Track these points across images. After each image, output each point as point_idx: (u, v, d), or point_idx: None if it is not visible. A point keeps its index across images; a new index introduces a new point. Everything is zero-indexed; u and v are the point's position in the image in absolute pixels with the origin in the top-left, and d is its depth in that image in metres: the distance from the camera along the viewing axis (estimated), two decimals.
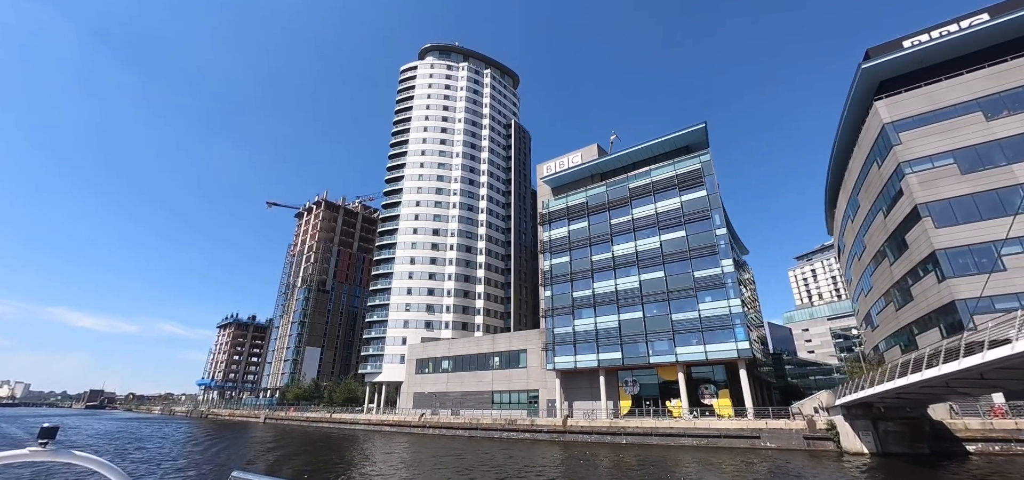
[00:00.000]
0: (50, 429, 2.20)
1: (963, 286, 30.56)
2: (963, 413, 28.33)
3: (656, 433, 36.14)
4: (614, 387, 44.29)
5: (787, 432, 31.32)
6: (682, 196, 44.25)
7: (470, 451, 34.13)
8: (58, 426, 2.27)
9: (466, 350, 58.94)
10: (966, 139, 33.06)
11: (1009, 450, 25.66)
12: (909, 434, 26.42)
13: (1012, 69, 33.09)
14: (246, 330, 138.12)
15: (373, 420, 59.09)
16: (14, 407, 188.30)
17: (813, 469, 25.27)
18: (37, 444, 2.15)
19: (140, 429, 61.65)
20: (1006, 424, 26.02)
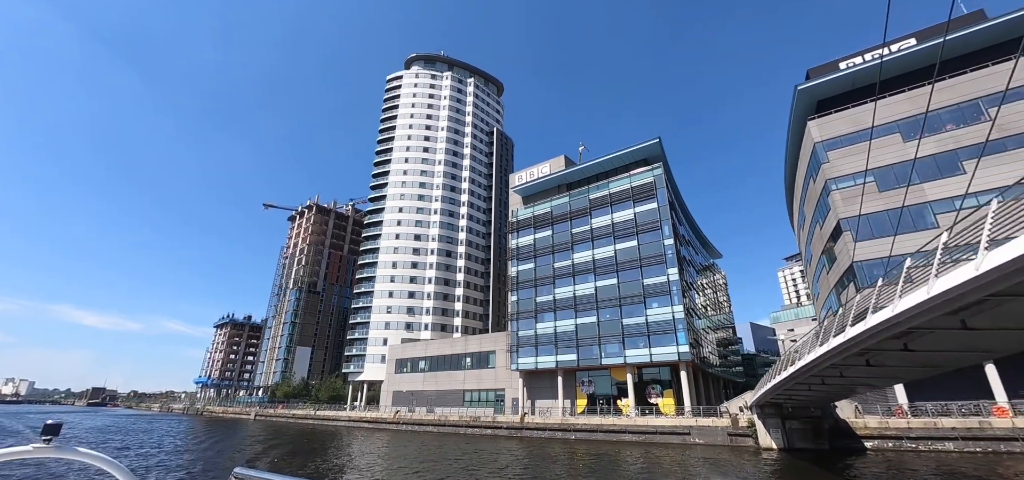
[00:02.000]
0: (54, 426, 2.15)
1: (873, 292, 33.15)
2: (865, 412, 31.01)
3: (601, 429, 38.98)
4: (571, 387, 47.11)
5: (714, 429, 34.08)
6: (636, 208, 46.95)
7: (435, 445, 37.06)
8: (61, 423, 2.24)
9: (441, 351, 61.87)
10: (885, 159, 35.66)
11: (900, 447, 28.34)
12: (812, 431, 29.15)
13: (923, 95, 35.65)
14: (242, 330, 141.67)
15: (353, 417, 62.17)
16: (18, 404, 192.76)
17: (722, 459, 28.10)
18: (41, 440, 2.10)
19: (134, 425, 64.86)
20: (899, 423, 28.69)
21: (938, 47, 37.12)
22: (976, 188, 31.95)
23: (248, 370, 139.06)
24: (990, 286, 6.79)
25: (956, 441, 26.83)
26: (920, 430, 27.93)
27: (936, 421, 27.72)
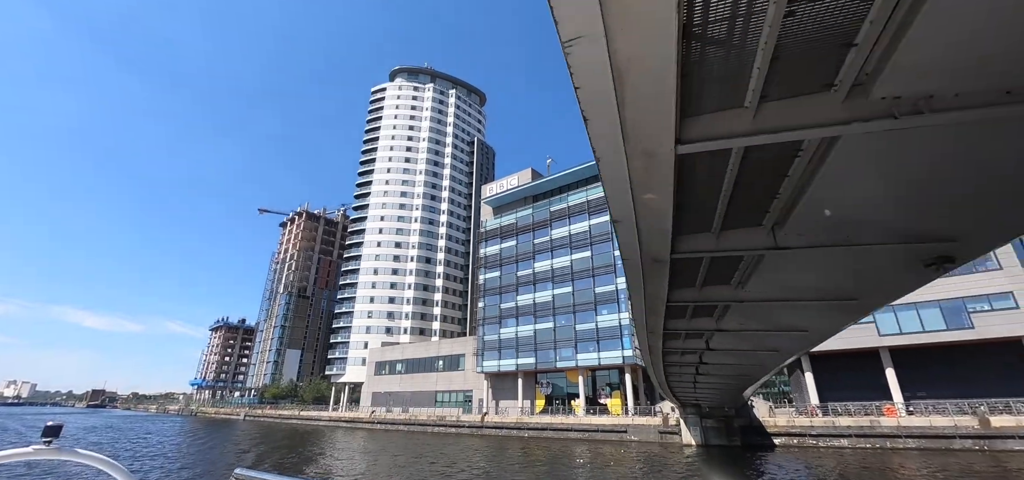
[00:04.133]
0: (54, 427, 2.13)
1: None
2: (778, 412, 33.94)
3: (551, 428, 42.06)
4: (531, 388, 50.15)
5: (648, 427, 37.07)
6: (591, 220, 49.93)
7: (403, 442, 40.19)
8: (62, 424, 2.21)
9: (417, 354, 64.99)
10: None
11: (804, 442, 31.27)
12: (725, 429, 32.10)
13: None
14: (236, 333, 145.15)
15: (333, 416, 65.40)
16: (19, 406, 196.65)
17: (649, 453, 31.12)
18: (41, 442, 2.09)
19: (127, 426, 68.10)
20: (803, 420, 31.63)
21: None
22: None
23: (242, 372, 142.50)
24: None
25: (850, 437, 29.74)
26: (821, 427, 30.84)
27: (834, 420, 30.65)
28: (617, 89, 2.68)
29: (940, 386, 31.31)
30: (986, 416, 27.03)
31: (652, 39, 2.35)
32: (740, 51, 2.81)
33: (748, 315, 9.29)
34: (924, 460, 26.62)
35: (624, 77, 2.60)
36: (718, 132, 3.37)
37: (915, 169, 3.66)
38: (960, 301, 30.78)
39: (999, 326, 29.70)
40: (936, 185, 3.94)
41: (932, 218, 4.56)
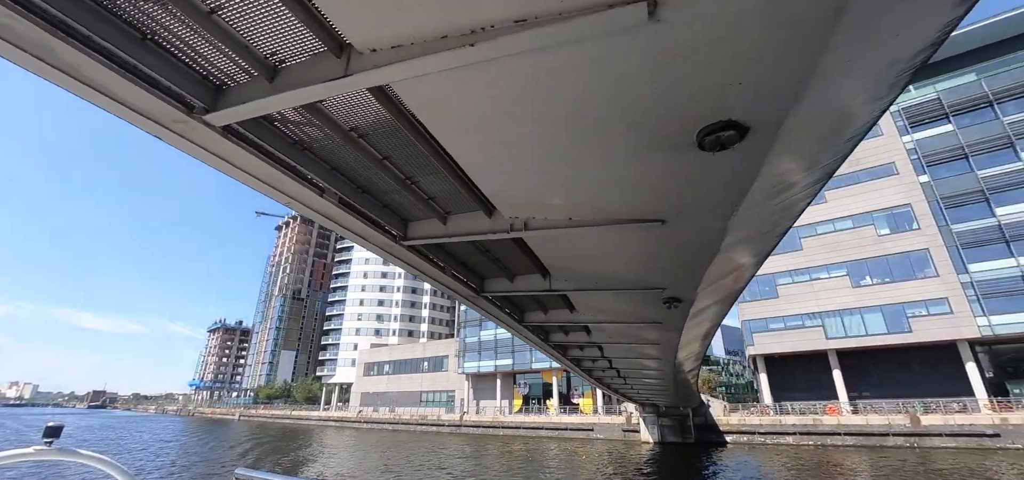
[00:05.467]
0: (55, 428, 2.14)
1: (749, 309, 37.99)
2: (732, 411, 35.77)
3: (524, 426, 43.98)
4: (509, 388, 52.08)
5: (612, 425, 38.96)
6: None
7: (388, 440, 42.15)
8: (62, 424, 2.22)
9: (403, 355, 66.96)
10: None
11: (753, 440, 33.13)
12: (679, 427, 33.97)
13: None
14: (233, 334, 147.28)
15: (323, 416, 67.43)
16: (21, 406, 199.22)
17: (611, 449, 33.01)
18: (42, 443, 2.09)
19: (124, 426, 70.16)
20: (752, 419, 33.48)
21: None
22: (834, 214, 36.78)
23: (239, 373, 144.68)
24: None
25: (795, 435, 31.58)
26: (769, 426, 32.69)
27: (780, 418, 32.50)
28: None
29: (882, 386, 33.15)
30: (917, 415, 28.85)
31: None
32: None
33: (601, 332, 11.19)
34: (859, 456, 28.48)
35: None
36: (424, 233, 5.25)
37: (619, 250, 5.40)
38: (900, 306, 32.58)
39: (935, 330, 31.49)
40: (645, 260, 5.74)
41: (656, 278, 6.44)
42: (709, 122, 2.71)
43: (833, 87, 2.60)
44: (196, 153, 3.51)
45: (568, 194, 4.13)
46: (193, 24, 2.60)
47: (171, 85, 2.87)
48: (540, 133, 3.18)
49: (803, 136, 3.12)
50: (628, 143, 3.11)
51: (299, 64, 2.83)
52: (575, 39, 2.13)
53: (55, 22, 2.39)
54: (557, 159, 3.56)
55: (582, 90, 2.61)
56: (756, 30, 2.04)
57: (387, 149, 3.92)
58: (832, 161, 3.81)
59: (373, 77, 2.56)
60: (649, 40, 2.13)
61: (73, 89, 2.83)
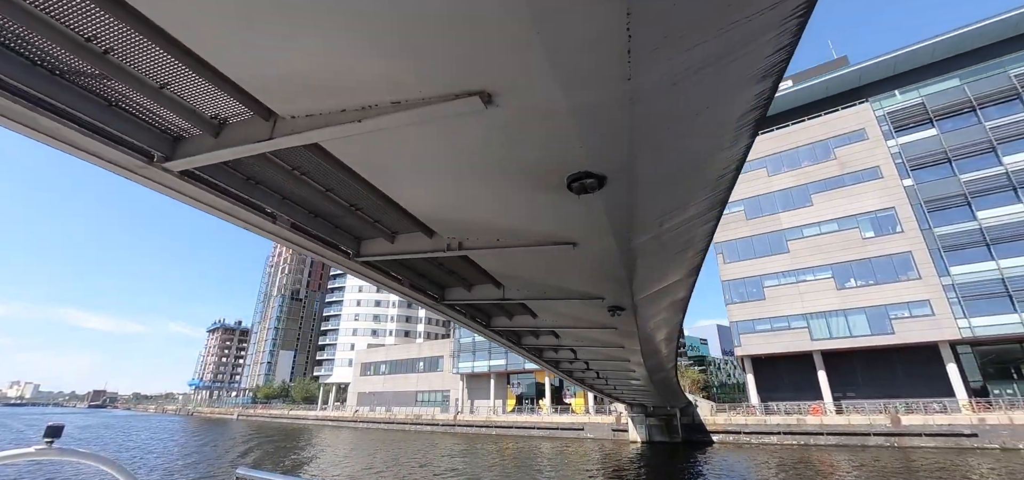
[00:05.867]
0: (55, 427, 2.14)
1: (737, 311, 38.57)
2: (719, 411, 36.36)
3: (516, 425, 44.60)
4: (502, 388, 52.69)
5: (602, 425, 39.56)
6: None
7: (381, 439, 42.75)
8: (63, 424, 2.22)
9: (399, 356, 67.60)
10: (753, 190, 40.93)
11: (738, 439, 33.71)
12: (667, 427, 34.56)
13: (789, 134, 40.92)
14: (232, 334, 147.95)
15: (320, 416, 68.09)
16: (22, 406, 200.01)
17: (601, 448, 33.61)
18: (42, 442, 2.10)
19: (123, 425, 70.79)
20: (738, 419, 34.06)
21: (808, 89, 42.37)
22: (820, 217, 37.36)
23: (238, 373, 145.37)
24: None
25: (779, 434, 32.16)
26: (754, 425, 33.27)
27: (765, 418, 33.08)
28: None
29: (866, 386, 33.74)
30: (897, 415, 29.44)
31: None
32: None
33: (568, 336, 11.81)
34: (840, 455, 29.05)
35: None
36: (374, 251, 5.87)
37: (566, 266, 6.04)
38: (883, 308, 33.16)
39: (917, 331, 32.07)
40: (577, 273, 6.34)
41: (594, 288, 7.05)
42: (571, 172, 3.33)
43: (664, 149, 3.21)
44: (161, 191, 4.13)
45: (492, 220, 4.76)
46: (149, 94, 3.21)
47: (134, 141, 3.48)
48: (447, 175, 3.84)
49: (664, 182, 3.74)
50: (523, 183, 3.75)
51: (238, 123, 3.44)
52: (439, 117, 2.75)
53: (35, 100, 3.00)
54: (470, 195, 4.20)
55: (461, 146, 3.25)
56: (565, 117, 2.65)
57: (329, 184, 4.53)
58: (711, 197, 4.42)
59: (294, 139, 3.18)
60: (493, 118, 2.75)
61: (54, 146, 3.45)
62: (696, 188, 4.10)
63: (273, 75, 2.78)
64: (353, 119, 2.88)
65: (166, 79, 3.11)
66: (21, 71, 2.88)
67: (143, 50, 2.82)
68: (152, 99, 3.26)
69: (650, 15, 2.00)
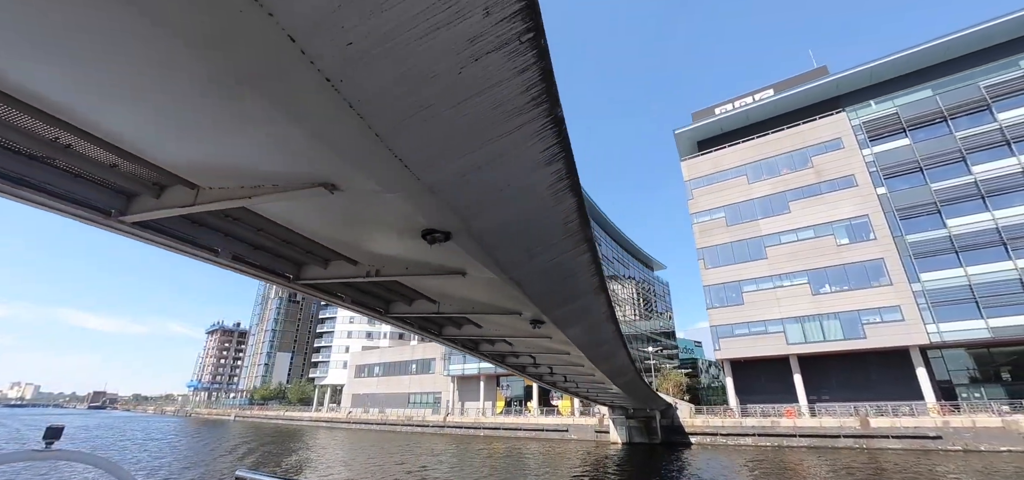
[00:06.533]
0: (55, 429, 2.15)
1: (717, 315, 39.56)
2: (698, 414, 37.32)
3: (503, 427, 45.57)
4: (492, 390, 53.66)
5: (585, 426, 40.53)
6: None
7: (371, 439, 43.74)
8: (63, 426, 2.23)
9: (393, 358, 68.58)
10: (733, 197, 41.97)
11: (715, 441, 34.66)
12: (646, 428, 35.53)
13: (768, 142, 41.96)
14: (231, 336, 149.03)
15: (315, 417, 69.06)
16: (22, 407, 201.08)
17: (583, 449, 34.60)
18: (42, 443, 2.12)
19: (122, 425, 71.79)
20: (715, 421, 35.01)
21: (788, 98, 43.44)
22: (797, 224, 38.35)
23: (237, 374, 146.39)
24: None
25: (754, 436, 33.12)
26: (731, 427, 34.23)
27: (741, 420, 34.04)
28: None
29: (840, 389, 34.70)
30: (867, 418, 30.40)
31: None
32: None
33: (519, 343, 12.85)
34: (811, 456, 30.02)
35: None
36: (311, 275, 6.92)
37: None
38: (856, 313, 34.15)
39: (888, 336, 33.04)
40: (489, 293, 7.40)
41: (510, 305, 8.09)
42: (422, 228, 4.39)
43: (489, 213, 4.26)
44: (121, 235, 5.20)
45: (396, 254, 5.83)
46: (102, 170, 4.28)
47: (93, 203, 4.55)
48: (337, 224, 4.92)
49: (506, 233, 4.79)
50: (392, 233, 4.84)
51: (172, 190, 4.51)
52: (304, 197, 3.82)
53: (16, 180, 4.06)
54: (360, 237, 5.28)
55: (335, 209, 4.35)
56: (395, 200, 3.72)
57: (259, 226, 5.59)
58: (573, 238, 5.46)
59: (211, 205, 4.25)
60: (345, 197, 3.82)
61: (33, 206, 4.51)
62: (543, 234, 5.15)
63: (195, 163, 3.87)
64: (247, 195, 3.95)
65: (115, 161, 4.17)
66: (6, 159, 3.95)
67: (95, 143, 3.89)
68: (105, 173, 4.33)
69: (417, 156, 3.09)
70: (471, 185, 3.70)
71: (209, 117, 3.07)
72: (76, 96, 3.24)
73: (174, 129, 3.32)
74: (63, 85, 3.10)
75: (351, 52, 2.26)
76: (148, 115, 3.26)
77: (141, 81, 2.74)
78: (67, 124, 3.53)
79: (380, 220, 4.49)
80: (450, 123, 2.96)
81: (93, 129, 3.60)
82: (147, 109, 3.18)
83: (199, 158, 3.79)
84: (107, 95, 3.11)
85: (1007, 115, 33.48)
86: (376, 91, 2.56)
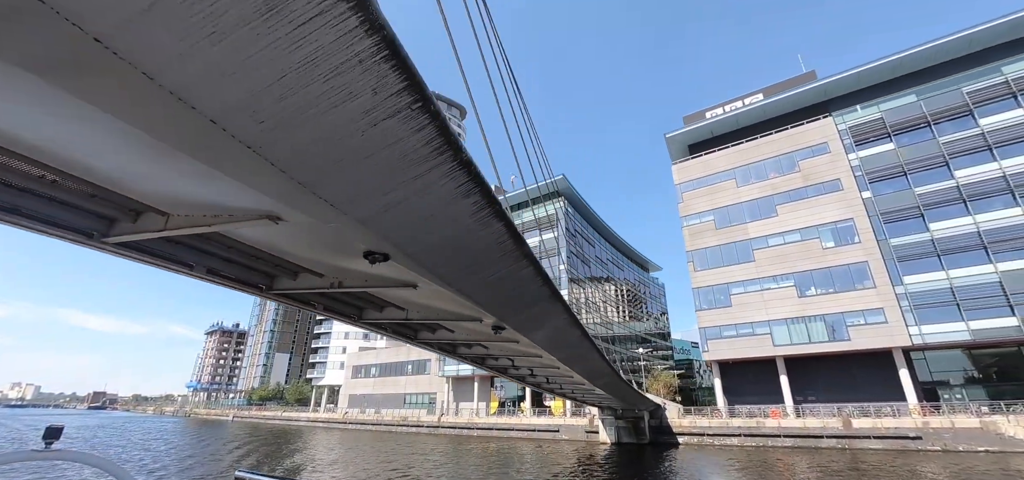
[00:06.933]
0: (55, 429, 2.15)
1: (706, 317, 40.17)
2: (686, 415, 37.91)
3: (496, 427, 46.18)
4: (486, 391, 54.26)
5: (576, 427, 41.13)
6: (542, 235, 54.10)
7: (366, 438, 44.34)
8: (62, 426, 2.23)
9: (389, 359, 69.19)
10: (722, 201, 42.59)
11: (702, 441, 35.26)
12: (634, 429, 36.14)
13: (757, 146, 42.58)
14: (230, 337, 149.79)
15: (312, 417, 69.70)
16: (23, 407, 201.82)
17: (573, 448, 35.20)
18: (42, 444, 2.12)
19: (121, 425, 72.43)
20: (702, 421, 35.60)
21: (777, 102, 44.04)
22: (784, 228, 38.96)
23: (236, 375, 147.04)
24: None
25: (739, 436, 33.71)
26: (717, 428, 34.82)
27: (728, 421, 34.63)
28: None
29: (826, 390, 35.28)
30: (849, 418, 30.98)
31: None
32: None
33: (494, 346, 13.47)
34: (794, 456, 30.63)
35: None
36: (283, 286, 7.56)
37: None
38: (841, 316, 34.73)
39: (872, 338, 33.63)
40: (445, 303, 8.06)
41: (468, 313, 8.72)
42: (362, 250, 5.02)
43: (421, 239, 4.90)
44: (106, 253, 5.83)
45: (354, 268, 6.47)
46: (84, 199, 4.92)
47: (77, 227, 5.19)
48: (301, 245, 5.56)
49: (441, 254, 5.42)
50: (340, 254, 5.48)
51: (146, 216, 5.15)
52: (254, 226, 4.45)
53: (10, 208, 4.70)
54: (326, 254, 5.92)
55: (285, 235, 4.98)
56: (331, 229, 4.36)
57: (229, 244, 6.22)
58: (510, 255, 6.08)
59: (181, 231, 4.89)
60: (290, 225, 4.45)
61: (25, 230, 5.15)
62: (479, 254, 5.77)
63: (161, 196, 4.52)
64: (209, 222, 4.59)
65: (94, 193, 4.82)
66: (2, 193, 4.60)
67: (75, 180, 4.53)
68: (87, 202, 4.97)
69: (340, 198, 3.72)
70: (397, 217, 4.34)
71: (166, 169, 3.74)
72: (60, 147, 3.89)
73: (139, 175, 3.98)
74: (57, 141, 3.76)
75: (264, 127, 2.90)
76: (120, 164, 3.92)
77: (118, 156, 3.41)
78: (50, 166, 4.17)
79: (329, 243, 5.14)
80: (364, 171, 3.59)
81: (72, 170, 4.24)
82: (120, 161, 3.84)
83: (165, 193, 4.43)
84: (85, 149, 3.76)
85: (989, 120, 34.07)
86: (293, 153, 3.20)
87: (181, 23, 2.19)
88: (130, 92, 2.61)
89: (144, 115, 2.75)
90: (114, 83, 2.55)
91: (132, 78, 2.47)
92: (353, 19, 2.44)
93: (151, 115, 2.73)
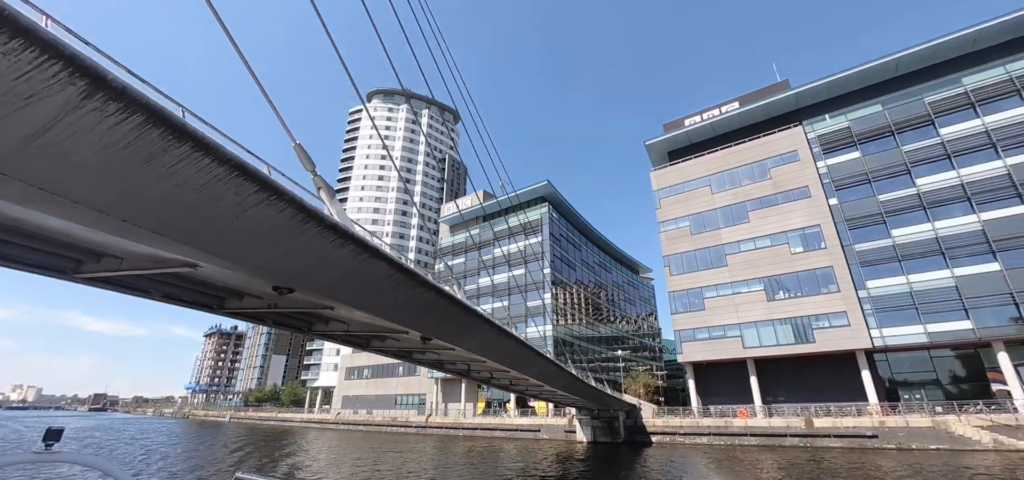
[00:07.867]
0: (55, 431, 2.17)
1: (680, 320, 41.55)
2: (660, 415, 39.29)
3: (481, 427, 47.57)
4: (473, 392, 55.64)
5: (555, 426, 42.51)
6: (527, 239, 55.54)
7: (357, 438, 45.76)
8: (63, 428, 2.25)
9: (381, 360, 70.61)
10: (698, 207, 43.98)
11: (674, 440, 36.63)
12: (609, 428, 37.50)
13: (731, 153, 43.97)
14: (228, 339, 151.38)
15: (306, 418, 71.20)
16: (24, 410, 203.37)
17: (546, 447, 36.59)
18: (42, 445, 2.14)
19: (120, 427, 73.89)
20: (674, 421, 36.96)
21: (751, 111, 45.42)
22: (755, 234, 40.34)
23: (234, 376, 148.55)
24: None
25: (709, 435, 35.06)
26: (689, 428, 36.17)
27: (698, 421, 35.99)
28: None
29: (793, 391, 36.63)
30: (811, 418, 32.34)
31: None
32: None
33: (446, 354, 14.90)
34: (759, 453, 31.99)
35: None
36: (231, 305, 9.01)
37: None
38: (807, 319, 36.10)
39: (836, 340, 34.98)
40: (380, 315, 9.49)
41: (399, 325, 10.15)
42: (272, 285, 6.46)
43: (310, 278, 6.32)
44: (80, 284, 7.27)
45: None
46: (56, 247, 6.36)
47: (51, 266, 6.64)
48: (236, 278, 6.99)
49: (338, 286, 6.85)
50: (262, 285, 6.90)
51: (105, 258, 6.59)
52: (184, 270, 5.89)
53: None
54: (255, 284, 7.36)
55: (219, 273, 6.39)
56: (237, 275, 5.80)
57: (177, 276, 7.66)
58: (404, 284, 7.50)
59: (135, 272, 6.32)
60: (208, 269, 5.89)
61: (7, 269, 6.59)
62: (371, 285, 7.20)
63: (114, 247, 5.96)
64: (150, 266, 6.04)
65: (66, 241, 6.26)
66: None
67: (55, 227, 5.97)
68: (58, 248, 6.43)
69: (234, 256, 5.16)
70: (288, 264, 5.78)
71: (111, 237, 5.20)
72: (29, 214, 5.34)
73: (97, 241, 5.44)
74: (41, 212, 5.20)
75: (160, 223, 4.34)
76: (86, 235, 5.37)
77: (82, 231, 4.85)
78: (25, 231, 5.62)
79: (249, 279, 6.58)
80: (247, 239, 5.03)
81: (40, 230, 5.69)
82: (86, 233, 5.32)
83: (115, 246, 5.89)
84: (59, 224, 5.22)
85: (949, 130, 35.43)
86: (189, 233, 4.65)
87: (91, 161, 3.65)
88: (64, 208, 4.06)
89: (79, 217, 4.19)
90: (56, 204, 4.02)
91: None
92: (206, 158, 3.88)
93: (82, 218, 4.17)
